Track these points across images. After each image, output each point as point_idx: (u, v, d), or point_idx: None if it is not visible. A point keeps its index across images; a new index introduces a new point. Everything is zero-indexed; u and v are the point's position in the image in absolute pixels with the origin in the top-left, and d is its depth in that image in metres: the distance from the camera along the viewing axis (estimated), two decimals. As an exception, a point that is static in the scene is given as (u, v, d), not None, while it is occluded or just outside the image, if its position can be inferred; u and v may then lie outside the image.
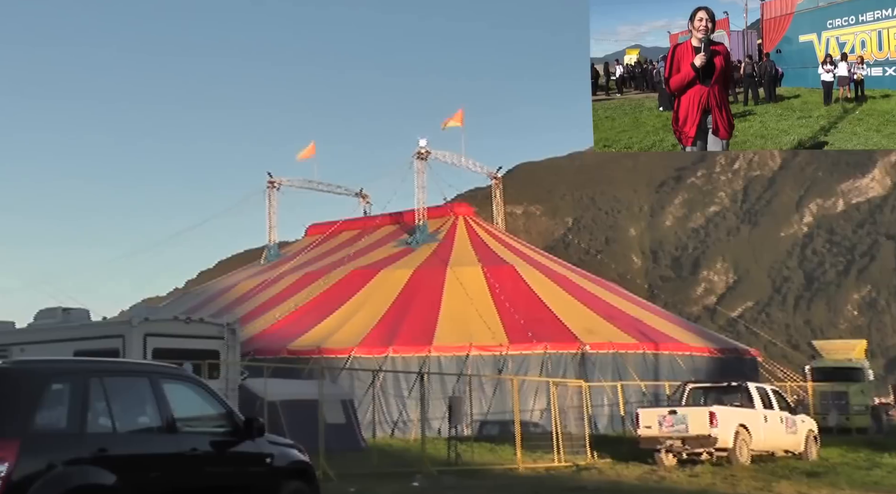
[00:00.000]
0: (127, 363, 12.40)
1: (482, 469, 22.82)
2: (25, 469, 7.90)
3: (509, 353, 33.35)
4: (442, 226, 44.31)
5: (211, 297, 45.28)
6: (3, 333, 25.90)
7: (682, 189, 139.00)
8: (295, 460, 10.98)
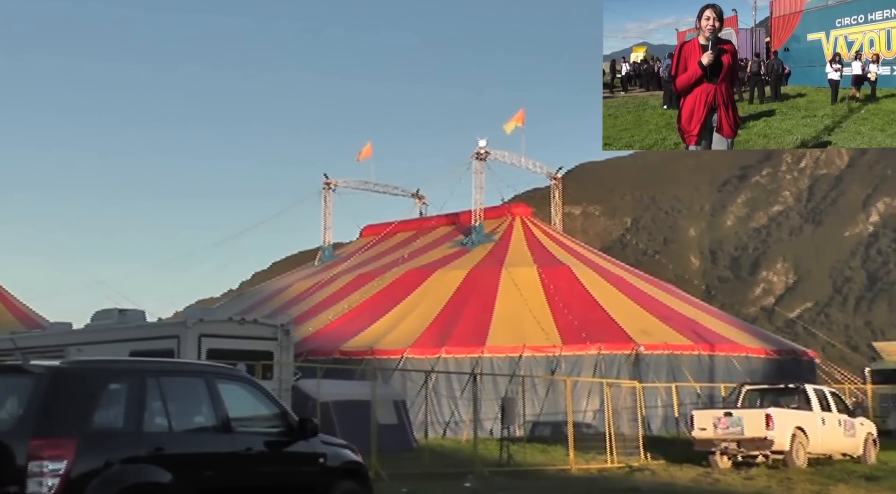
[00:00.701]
0: (183, 363, 12.57)
1: (534, 469, 22.79)
2: (83, 467, 8.04)
3: (562, 354, 33.19)
4: (498, 227, 44.15)
5: (265, 298, 45.64)
6: (61, 333, 26.39)
7: (746, 188, 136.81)
8: (348, 460, 11.03)
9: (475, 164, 43.94)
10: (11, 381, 8.83)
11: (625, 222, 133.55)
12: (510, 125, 46.30)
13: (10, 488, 7.84)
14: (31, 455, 7.84)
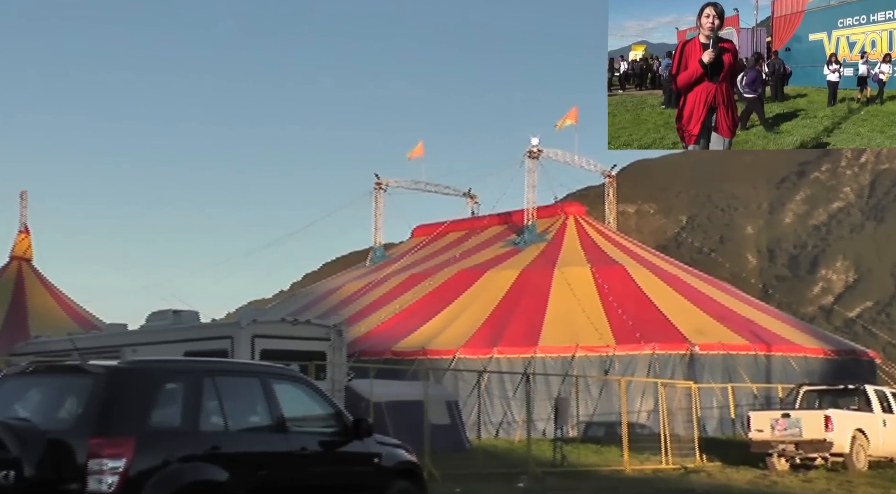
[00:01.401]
0: (238, 363, 12.65)
1: (588, 470, 22.66)
2: (142, 465, 8.12)
3: (616, 354, 32.97)
4: (551, 226, 43.91)
5: (316, 299, 45.87)
6: (117, 334, 26.70)
7: (805, 185, 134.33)
8: (403, 460, 11.02)
9: (528, 162, 43.76)
10: (71, 381, 8.94)
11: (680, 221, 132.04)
12: (562, 123, 46.06)
13: (71, 485, 7.94)
14: (90, 453, 7.94)
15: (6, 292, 45.94)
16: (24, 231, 48.62)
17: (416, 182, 50.16)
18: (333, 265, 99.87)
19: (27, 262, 48.24)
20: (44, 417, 8.64)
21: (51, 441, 8.09)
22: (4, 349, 33.87)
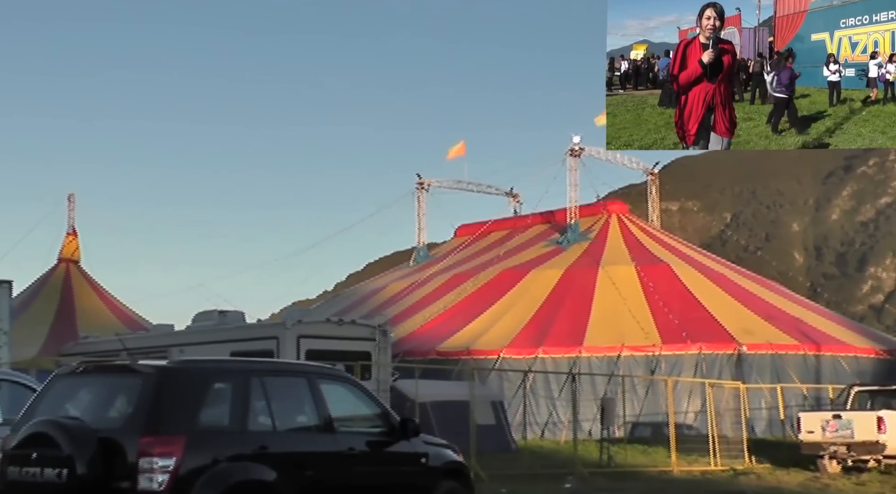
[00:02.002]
0: (286, 363, 12.70)
1: (635, 471, 22.49)
2: (191, 464, 8.17)
3: (662, 353, 32.71)
4: (594, 224, 43.64)
5: (360, 299, 45.97)
6: (164, 335, 26.91)
7: (852, 180, 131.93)
8: (450, 460, 10.99)
9: (569, 160, 43.50)
10: (121, 380, 9.01)
11: (724, 218, 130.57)
12: (601, 119, 45.70)
13: (123, 483, 8.01)
14: (141, 452, 8.00)
15: (55, 294, 46.56)
16: (72, 233, 49.23)
17: (459, 182, 50.06)
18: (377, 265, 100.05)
19: (75, 263, 48.85)
20: (94, 416, 8.72)
21: (102, 439, 8.16)
22: (54, 350, 34.34)
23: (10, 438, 8.82)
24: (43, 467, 8.23)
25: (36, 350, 36.53)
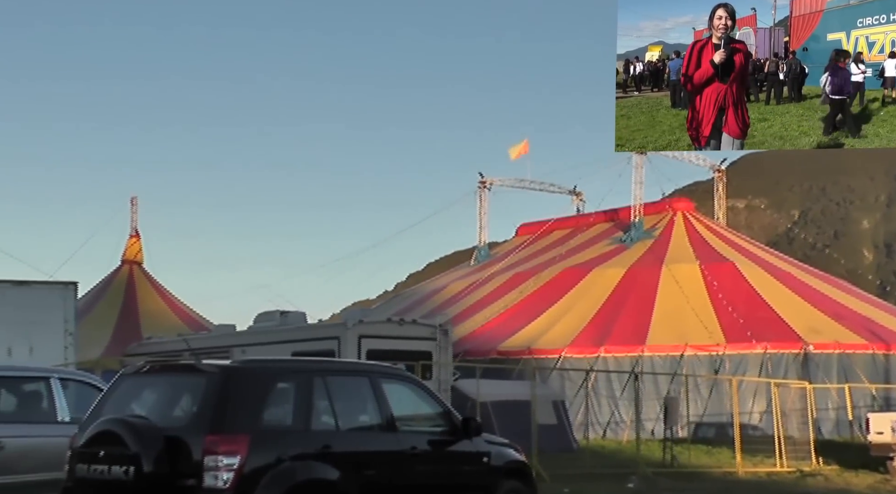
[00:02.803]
0: (348, 362, 12.74)
1: (699, 471, 22.24)
2: (256, 463, 8.21)
3: (726, 353, 32.27)
4: (658, 222, 43.12)
5: (421, 299, 46.04)
6: (226, 335, 27.20)
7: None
8: (512, 459, 10.94)
9: (635, 158, 42.94)
10: (185, 380, 9.09)
11: (792, 215, 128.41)
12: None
13: (189, 481, 8.08)
14: (206, 450, 8.06)
15: (118, 295, 47.30)
16: (135, 236, 49.98)
17: (521, 180, 49.76)
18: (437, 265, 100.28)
19: (138, 265, 49.57)
20: (160, 415, 8.82)
21: (167, 438, 8.24)
22: (118, 350, 34.91)
23: (77, 436, 8.97)
24: (110, 464, 8.34)
25: (101, 351, 37.16)
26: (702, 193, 56.52)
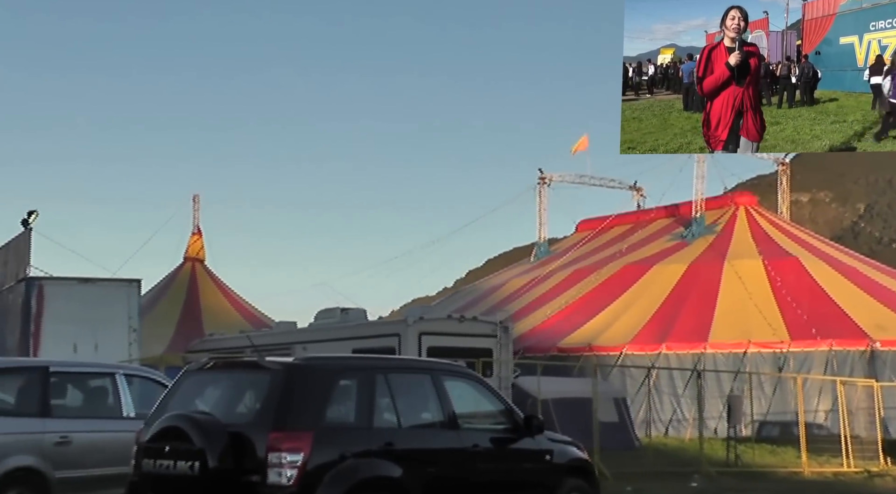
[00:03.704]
0: (409, 359, 12.75)
1: (764, 471, 21.91)
2: (319, 459, 8.21)
3: (791, 350, 31.80)
4: (720, 217, 42.54)
5: (481, 296, 45.97)
6: (287, 332, 27.39)
7: None
8: (575, 457, 10.84)
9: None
10: (249, 376, 9.13)
11: (857, 209, 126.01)
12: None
13: (253, 477, 8.11)
14: (270, 447, 8.07)
15: (181, 292, 47.89)
16: (197, 233, 50.54)
17: (581, 176, 49.39)
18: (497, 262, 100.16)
19: (200, 262, 50.14)
20: (223, 411, 8.86)
21: (231, 434, 8.28)
22: (180, 347, 35.36)
23: (143, 431, 9.05)
24: (176, 460, 8.41)
25: (164, 347, 37.63)
26: (765, 187, 55.66)
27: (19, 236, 26.02)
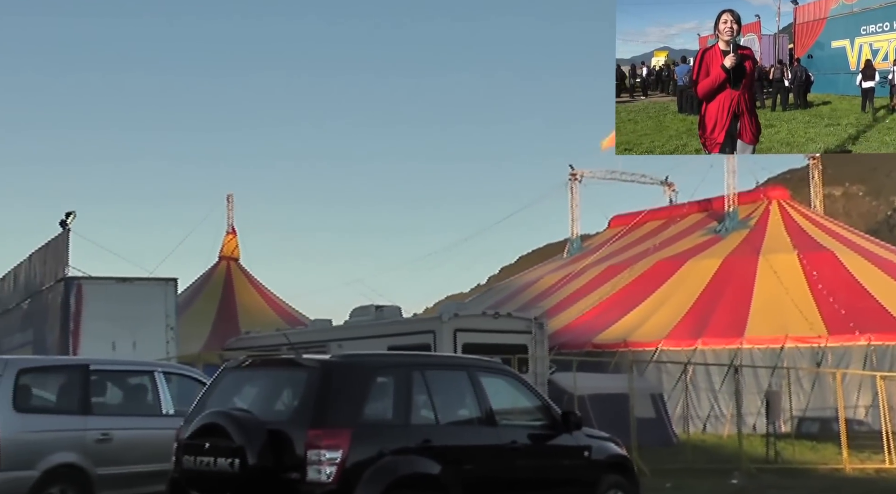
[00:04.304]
0: (446, 356, 12.74)
1: (804, 468, 21.66)
2: (358, 457, 8.23)
3: (828, 345, 31.42)
4: (753, 212, 42.13)
5: (514, 292, 45.87)
6: (322, 329, 27.47)
7: None
8: (613, 453, 10.82)
9: (726, 146, 42.09)
10: (287, 374, 9.18)
11: (892, 202, 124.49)
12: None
13: (292, 474, 8.15)
14: (309, 444, 8.11)
15: (217, 291, 48.17)
16: (232, 232, 50.81)
17: (611, 172, 49.19)
18: (529, 258, 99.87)
19: (235, 261, 50.39)
20: (262, 408, 8.91)
21: (270, 431, 8.31)
22: (217, 345, 35.57)
23: (183, 428, 9.12)
24: (216, 456, 8.47)
25: (200, 345, 37.86)
26: (797, 181, 55.15)
27: (58, 237, 26.31)
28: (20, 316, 29.99)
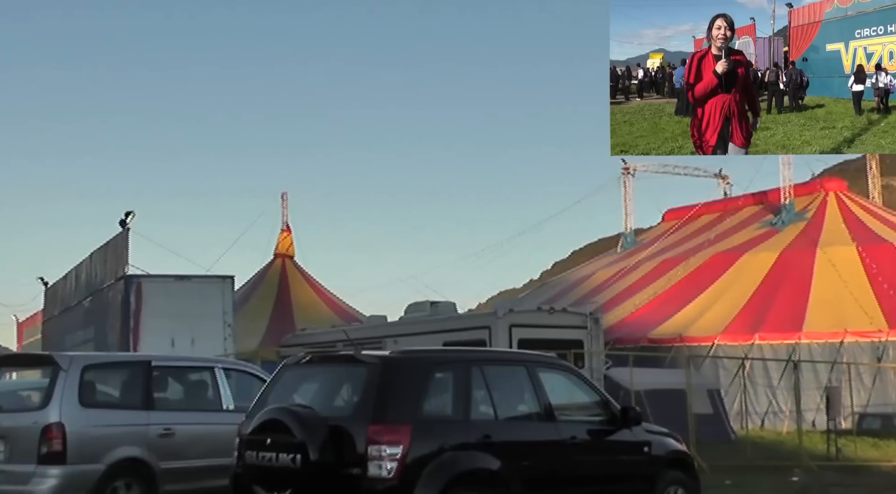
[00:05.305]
0: (504, 352, 12.73)
1: (866, 465, 21.30)
2: (418, 452, 8.26)
3: (889, 339, 30.84)
4: (810, 204, 41.49)
5: (568, 287, 45.65)
6: (378, 326, 27.58)
7: None
8: (673, 449, 10.75)
9: (782, 137, 41.51)
10: (346, 370, 9.23)
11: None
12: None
13: (353, 470, 8.20)
14: (370, 440, 8.16)
15: (272, 288, 48.64)
16: (286, 230, 51.26)
17: (664, 165, 48.73)
18: (582, 253, 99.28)
19: (290, 258, 50.83)
20: (322, 404, 8.98)
21: (331, 427, 8.37)
22: (273, 341, 35.91)
23: (245, 424, 9.21)
24: (277, 452, 8.54)
25: (257, 342, 38.27)
26: (853, 172, 54.05)
27: (117, 236, 26.75)
28: (82, 314, 30.56)
